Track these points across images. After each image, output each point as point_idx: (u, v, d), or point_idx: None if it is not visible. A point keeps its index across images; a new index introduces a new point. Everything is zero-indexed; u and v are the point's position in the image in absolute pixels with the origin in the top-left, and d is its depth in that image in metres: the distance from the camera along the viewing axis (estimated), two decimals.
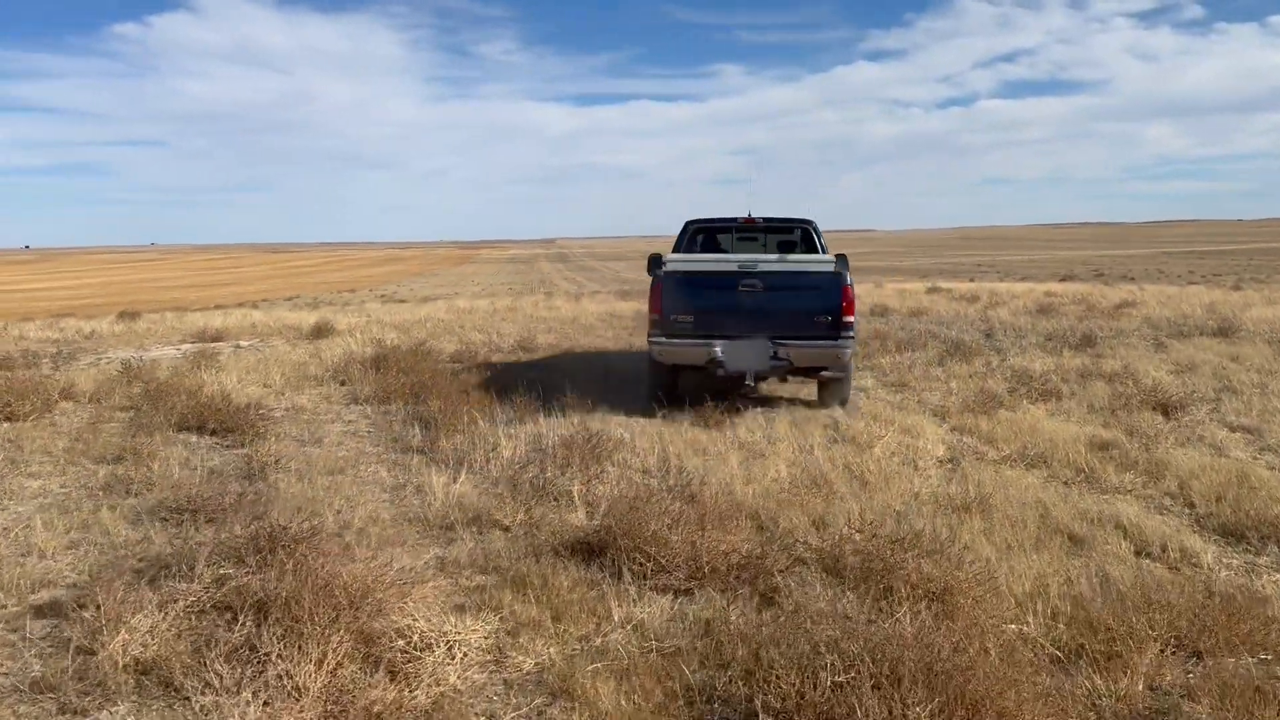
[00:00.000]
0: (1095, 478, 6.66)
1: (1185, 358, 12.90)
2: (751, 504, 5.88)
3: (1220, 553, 5.15)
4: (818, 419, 8.85)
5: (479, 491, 6.30)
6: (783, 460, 7.16)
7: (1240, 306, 21.84)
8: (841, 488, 6.36)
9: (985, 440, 7.97)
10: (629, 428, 8.46)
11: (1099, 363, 12.28)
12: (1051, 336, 15.51)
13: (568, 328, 18.45)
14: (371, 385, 10.41)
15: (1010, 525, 5.37)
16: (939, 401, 9.93)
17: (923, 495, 6.20)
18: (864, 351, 13.70)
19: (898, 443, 7.84)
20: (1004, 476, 6.62)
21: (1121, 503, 6.02)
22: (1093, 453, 7.34)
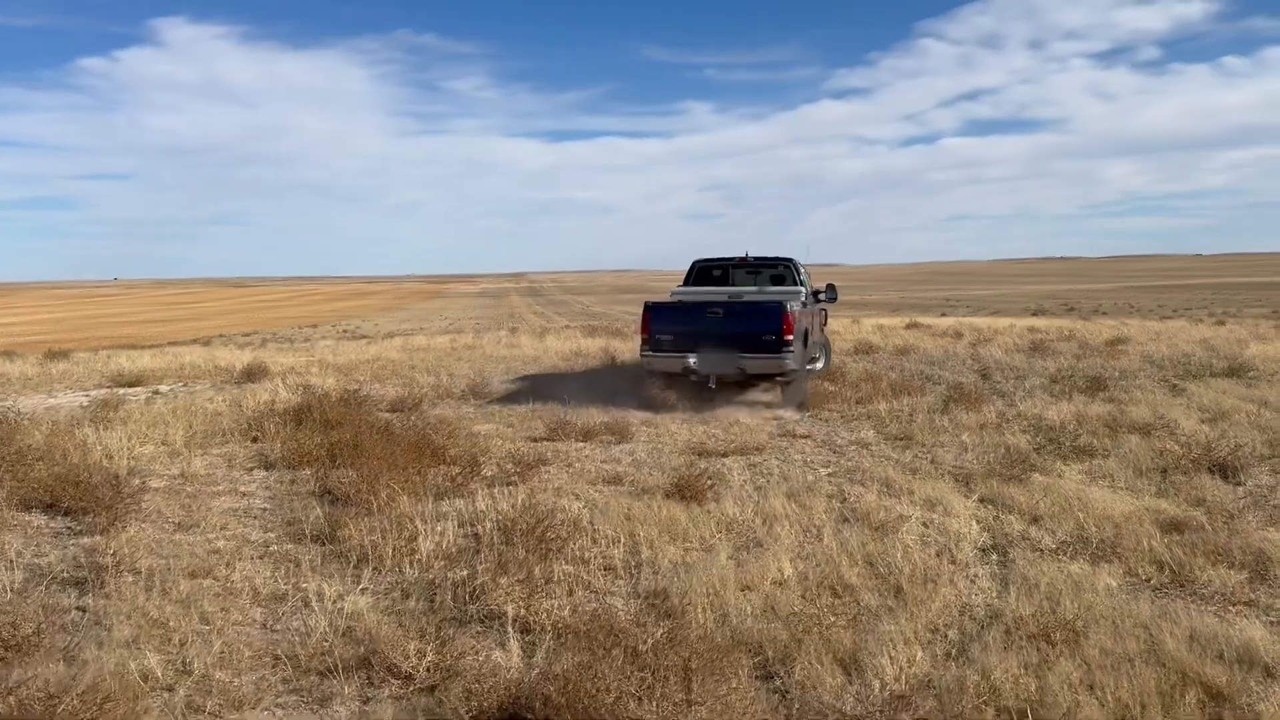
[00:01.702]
0: (1187, 577, 5.17)
1: (1210, 402, 11.57)
2: (753, 631, 4.31)
3: None
4: (820, 488, 7.32)
5: (381, 609, 4.68)
6: (785, 550, 5.61)
7: (1236, 343, 20.76)
8: (869, 598, 4.81)
9: (1028, 518, 6.46)
10: (591, 501, 6.90)
11: (1122, 410, 10.88)
12: (1055, 378, 14.14)
13: (528, 368, 16.85)
14: (286, 444, 8.76)
15: (1115, 668, 3.84)
16: (955, 461, 8.45)
17: (978, 610, 4.67)
18: (855, 396, 12.25)
19: (925, 522, 6.32)
20: (1072, 578, 5.10)
21: (1241, 621, 4.52)
22: (1168, 537, 5.86)
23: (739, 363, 11.45)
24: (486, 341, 23.26)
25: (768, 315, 11.39)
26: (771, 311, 11.39)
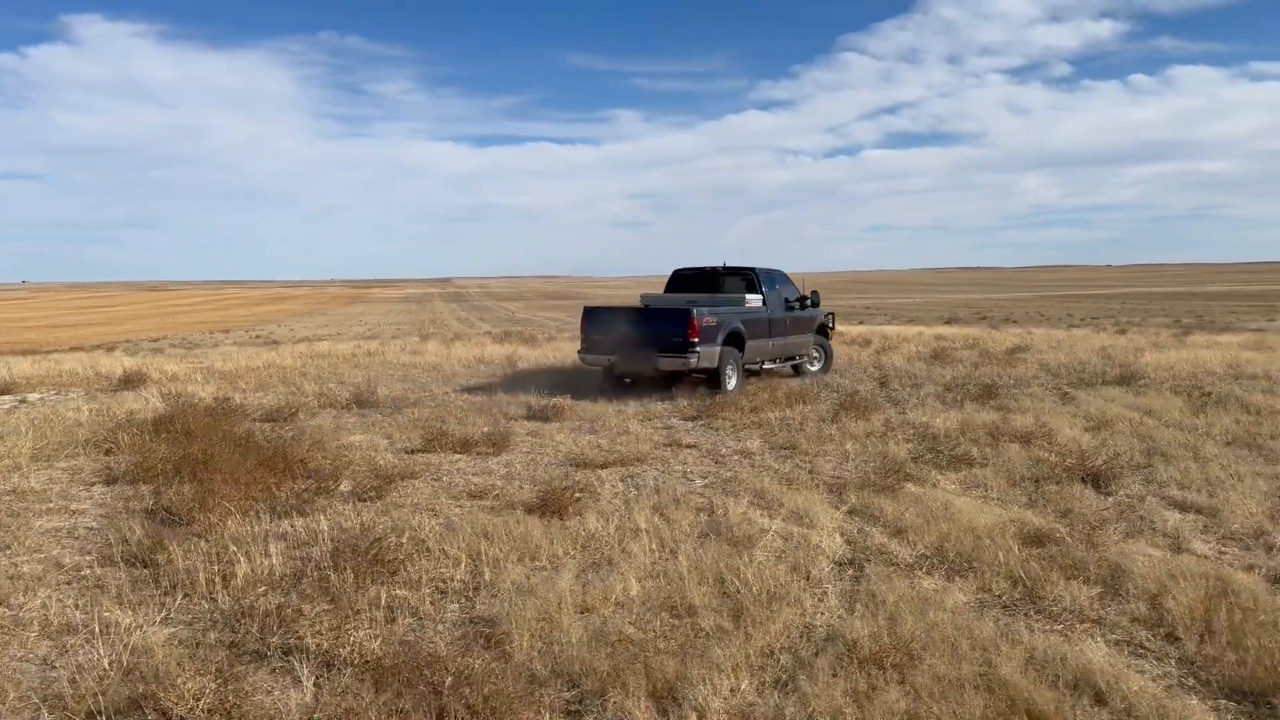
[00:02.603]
0: (1040, 594, 5.04)
1: (1096, 411, 11.70)
2: (575, 660, 4.03)
3: None
4: (691, 501, 7.08)
5: (177, 642, 4.28)
6: (636, 569, 5.35)
7: (1133, 352, 21.27)
8: (710, 620, 4.57)
9: (892, 531, 6.32)
10: (447, 518, 6.55)
11: (1008, 419, 10.93)
12: (950, 386, 14.24)
13: (426, 376, 16.37)
14: (135, 457, 8.22)
15: (944, 695, 3.66)
16: (834, 471, 8.32)
17: (819, 632, 4.47)
18: (751, 405, 12.11)
19: (785, 536, 6.12)
20: (923, 594, 4.94)
21: (1085, 641, 4.39)
22: (1028, 551, 5.76)
23: (654, 361, 12.96)
24: (392, 348, 22.65)
25: (677, 320, 12.72)
26: (680, 316, 12.71)
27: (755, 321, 14.39)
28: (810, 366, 16.42)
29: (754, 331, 14.27)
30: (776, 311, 15.10)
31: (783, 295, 15.49)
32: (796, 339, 15.83)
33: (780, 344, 15.21)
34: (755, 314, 14.49)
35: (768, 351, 14.92)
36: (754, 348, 14.32)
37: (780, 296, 15.36)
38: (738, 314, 14.05)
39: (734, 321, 13.72)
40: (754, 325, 14.30)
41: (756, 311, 14.59)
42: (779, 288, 15.43)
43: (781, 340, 15.24)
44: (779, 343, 15.14)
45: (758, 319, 14.49)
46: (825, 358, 16.62)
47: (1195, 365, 17.77)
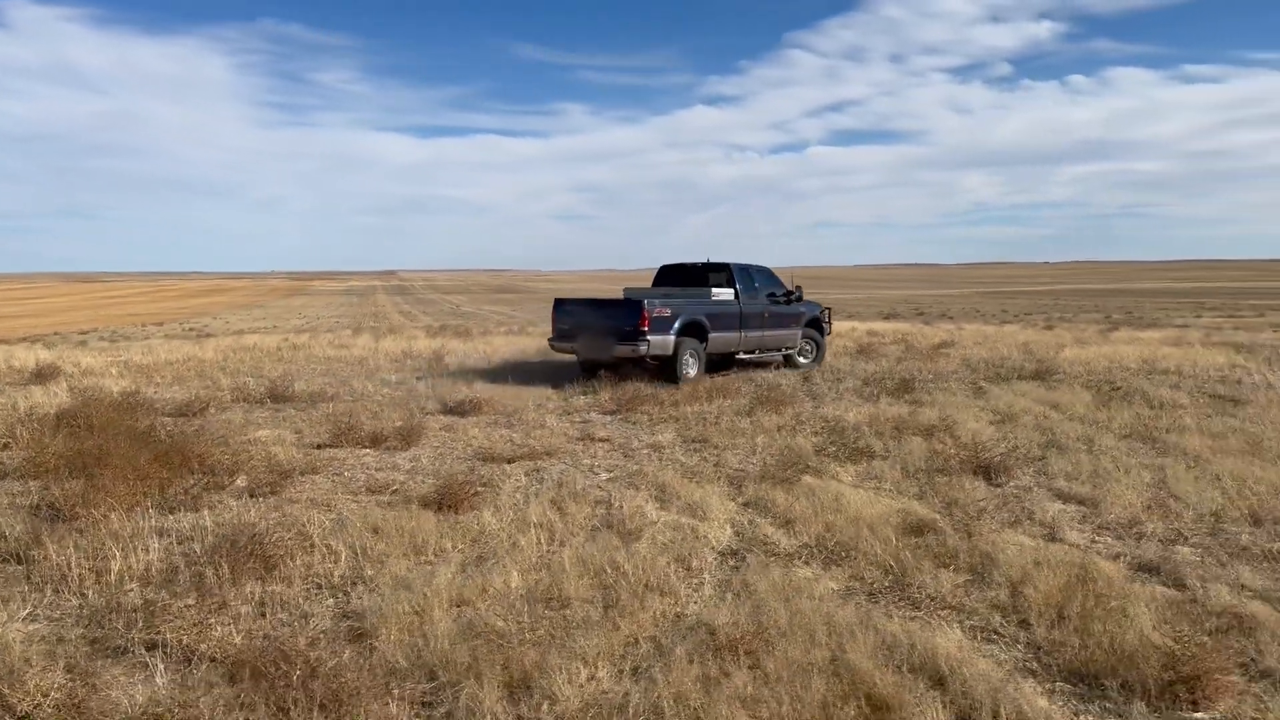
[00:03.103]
0: (908, 581, 5.20)
1: (1005, 405, 12.01)
2: (438, 653, 4.06)
3: (1070, 718, 3.70)
4: (590, 495, 7.15)
5: (39, 639, 4.23)
6: (521, 562, 5.40)
7: (1054, 347, 21.81)
8: (580, 612, 4.64)
9: (781, 522, 6.45)
10: (342, 513, 6.54)
11: (917, 413, 11.19)
12: (869, 381, 14.52)
13: (350, 370, 16.23)
14: (29, 452, 8.05)
15: (790, 680, 3.77)
16: (739, 464, 8.45)
17: (686, 620, 4.57)
18: (672, 399, 12.23)
19: (676, 528, 6.22)
20: (795, 582, 5.07)
21: (941, 627, 4.55)
22: (906, 539, 5.94)
23: (611, 349, 13.82)
24: (321, 342, 22.39)
25: (630, 310, 13.67)
26: (633, 307, 13.66)
27: (723, 314, 15.06)
28: (800, 359, 16.94)
29: (721, 324, 14.97)
30: (752, 305, 15.64)
31: (762, 290, 16.04)
32: (779, 333, 16.36)
33: (754, 337, 15.78)
34: (722, 307, 15.12)
35: (739, 343, 15.52)
36: (721, 339, 15.01)
37: (759, 291, 15.93)
38: (700, 306, 14.73)
39: (693, 313, 14.42)
40: (721, 318, 15.00)
41: (724, 304, 15.20)
42: (758, 283, 16.00)
43: (756, 333, 15.80)
44: (753, 335, 15.72)
45: (725, 312, 15.13)
46: (817, 351, 17.19)
47: (1112, 360, 18.34)
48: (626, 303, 14.00)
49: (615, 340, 13.76)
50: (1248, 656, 4.19)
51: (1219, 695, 3.75)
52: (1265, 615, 4.63)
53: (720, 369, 15.98)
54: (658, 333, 13.73)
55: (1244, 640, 4.36)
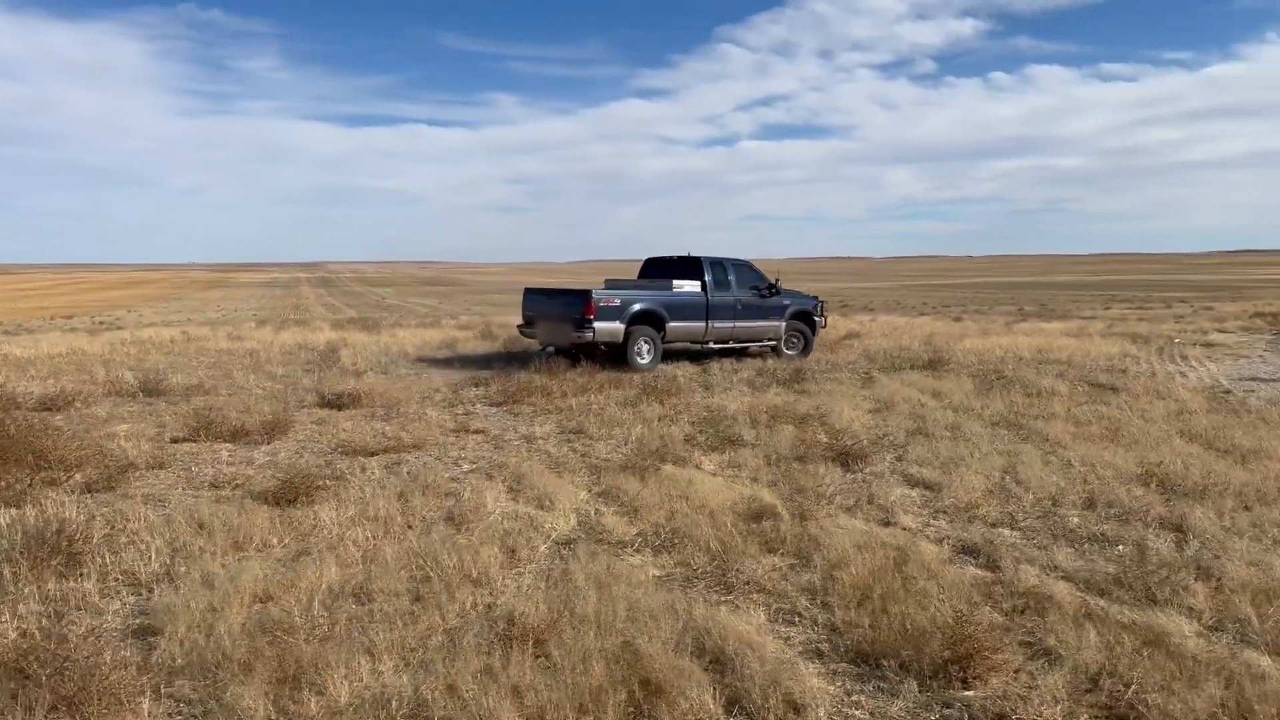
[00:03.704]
0: (730, 566, 5.23)
1: (888, 394, 12.21)
2: (220, 649, 3.95)
3: (842, 698, 3.75)
4: (443, 487, 7.05)
5: None
6: (343, 557, 5.29)
7: (956, 337, 22.30)
8: (387, 605, 4.56)
9: (628, 510, 6.45)
10: (178, 509, 6.34)
11: (799, 402, 11.32)
12: (762, 371, 14.65)
13: (238, 363, 15.82)
14: None
15: (571, 667, 3.75)
16: (607, 454, 8.44)
17: (495, 611, 4.51)
18: (562, 390, 12.18)
19: (518, 518, 6.17)
20: (617, 570, 5.06)
21: (747, 611, 4.58)
22: (743, 525, 5.98)
23: (567, 335, 14.80)
24: (220, 334, 21.83)
25: (579, 300, 14.69)
26: (582, 297, 14.68)
27: (684, 305, 15.78)
28: (786, 349, 17.35)
29: (682, 314, 15.70)
30: (722, 296, 16.22)
31: (737, 282, 16.59)
32: (756, 324, 16.89)
33: (724, 327, 16.35)
34: (684, 298, 15.84)
35: (705, 333, 16.15)
36: (681, 328, 15.75)
37: (732, 283, 16.49)
38: (657, 297, 15.50)
39: (647, 302, 15.20)
40: (682, 308, 15.73)
41: (687, 295, 15.91)
42: (731, 275, 16.56)
43: (726, 324, 16.37)
44: (722, 326, 16.30)
45: (688, 302, 15.83)
46: (805, 343, 17.57)
47: (1008, 351, 18.80)
48: (577, 292, 14.99)
49: (570, 327, 14.70)
50: (1034, 636, 4.29)
51: (991, 674, 3.83)
52: (1064, 595, 4.76)
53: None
54: (605, 320, 14.61)
55: (1036, 620, 4.47)
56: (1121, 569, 5.16)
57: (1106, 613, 4.50)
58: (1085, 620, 4.37)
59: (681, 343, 16.15)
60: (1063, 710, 3.57)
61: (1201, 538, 5.87)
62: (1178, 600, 4.72)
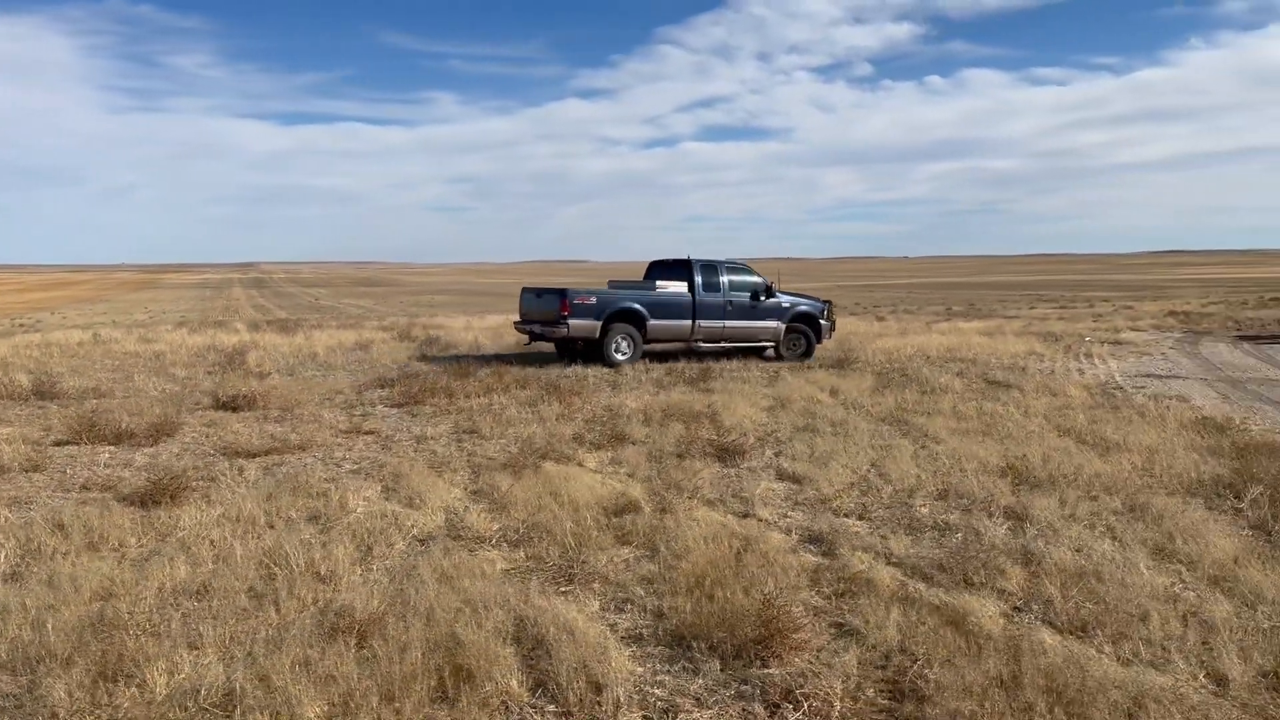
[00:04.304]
0: (581, 559, 5.39)
1: (788, 392, 12.51)
2: (46, 646, 4.00)
3: (647, 678, 3.93)
4: (316, 488, 7.11)
5: None
6: (195, 556, 5.33)
7: (874, 337, 22.78)
8: (225, 602, 4.63)
9: (497, 506, 6.58)
10: (39, 509, 6.32)
11: (698, 400, 11.54)
12: (671, 370, 14.88)
13: (142, 365, 15.58)
14: None
15: (388, 656, 3.87)
16: (494, 453, 8.54)
17: (334, 606, 4.61)
18: (464, 390, 12.23)
19: (382, 516, 6.26)
20: (467, 565, 5.19)
21: (582, 599, 4.76)
22: (605, 519, 6.16)
23: (550, 331, 15.76)
24: (132, 337, 21.42)
25: (555, 299, 15.71)
26: (559, 295, 15.71)
27: (667, 304, 16.42)
28: (786, 351, 17.62)
29: (664, 313, 16.34)
30: (711, 297, 16.72)
31: (731, 284, 17.07)
32: (750, 324, 17.27)
33: (712, 327, 16.83)
34: (667, 298, 16.50)
35: (692, 332, 16.72)
36: (664, 327, 16.40)
37: (725, 285, 16.98)
38: (635, 296, 16.23)
39: (625, 301, 16.01)
40: (665, 307, 16.38)
41: (670, 295, 16.54)
42: (723, 276, 17.04)
43: (715, 323, 16.83)
44: (710, 325, 16.79)
45: (671, 302, 16.47)
46: (807, 345, 17.78)
47: (920, 349, 19.29)
48: (556, 291, 15.94)
49: (549, 325, 15.73)
50: (845, 618, 4.52)
51: (793, 653, 4.04)
52: (886, 580, 5.02)
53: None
54: (579, 318, 15.48)
55: (851, 603, 4.71)
56: (948, 555, 5.45)
57: (920, 595, 4.77)
58: (896, 603, 4.62)
59: (666, 341, 16.93)
60: (849, 685, 3.80)
61: (1038, 525, 6.20)
62: (992, 583, 5.01)
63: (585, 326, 15.61)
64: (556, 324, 15.55)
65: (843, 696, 3.68)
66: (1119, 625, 4.39)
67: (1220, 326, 30.70)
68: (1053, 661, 3.93)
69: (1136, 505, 6.69)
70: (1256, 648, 4.17)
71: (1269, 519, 6.39)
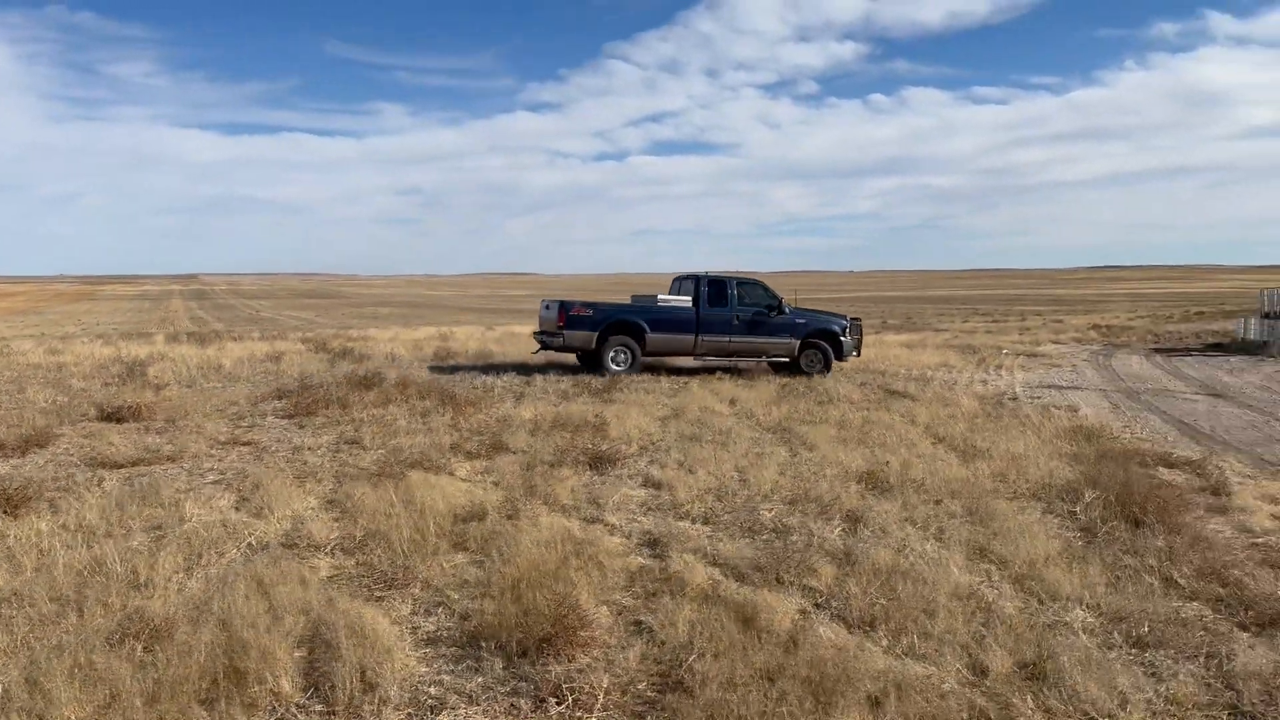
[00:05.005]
0: (409, 564, 5.44)
1: (687, 403, 12.66)
2: None
3: (429, 678, 4.01)
4: (167, 499, 7.07)
5: None
6: (13, 564, 5.30)
7: None
8: (35, 609, 4.61)
9: (347, 515, 6.59)
10: None
11: (595, 410, 11.63)
12: (579, 382, 14.98)
13: (41, 377, 15.27)
14: None
15: (168, 659, 3.90)
16: (368, 464, 8.53)
17: (141, 613, 4.60)
18: (360, 402, 12.19)
19: (223, 525, 6.24)
20: (289, 571, 5.21)
21: (394, 603, 4.83)
22: (450, 526, 6.22)
23: (550, 340, 16.66)
24: (41, 349, 20.97)
25: (556, 311, 16.51)
26: (556, 308, 16.58)
27: (668, 319, 16.95)
28: (805, 366, 17.58)
29: (665, 326, 16.85)
30: (717, 312, 17.07)
31: (740, 299, 17.35)
32: (759, 340, 17.42)
33: (716, 341, 17.14)
34: (668, 312, 17.06)
35: (694, 346, 17.07)
36: (664, 340, 16.88)
37: (734, 300, 17.27)
38: (635, 310, 17.06)
39: (623, 315, 16.76)
40: (665, 321, 16.91)
41: (672, 310, 17.11)
42: (733, 292, 17.36)
43: (719, 338, 17.14)
44: (715, 340, 17.11)
45: (673, 317, 16.99)
46: (825, 360, 17.73)
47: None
48: (558, 304, 16.72)
49: (551, 335, 16.58)
50: (644, 617, 4.65)
51: (578, 650, 4.15)
52: (700, 579, 5.16)
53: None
54: (576, 329, 16.35)
55: (657, 602, 4.83)
56: (770, 556, 5.60)
57: (726, 594, 4.91)
58: (699, 601, 4.77)
59: (667, 354, 17.42)
60: (622, 680, 3.91)
61: (873, 528, 6.40)
62: (801, 582, 5.18)
63: (581, 337, 16.41)
64: (558, 335, 16.33)
65: (611, 690, 3.80)
66: (904, 620, 4.57)
67: (1139, 340, 31.67)
68: (823, 654, 4.08)
69: (976, 509, 6.93)
70: (1026, 641, 4.37)
71: (1097, 522, 6.67)
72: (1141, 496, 6.97)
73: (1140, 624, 4.65)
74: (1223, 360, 22.97)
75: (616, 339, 16.47)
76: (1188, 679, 4.11)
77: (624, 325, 16.60)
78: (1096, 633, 4.61)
